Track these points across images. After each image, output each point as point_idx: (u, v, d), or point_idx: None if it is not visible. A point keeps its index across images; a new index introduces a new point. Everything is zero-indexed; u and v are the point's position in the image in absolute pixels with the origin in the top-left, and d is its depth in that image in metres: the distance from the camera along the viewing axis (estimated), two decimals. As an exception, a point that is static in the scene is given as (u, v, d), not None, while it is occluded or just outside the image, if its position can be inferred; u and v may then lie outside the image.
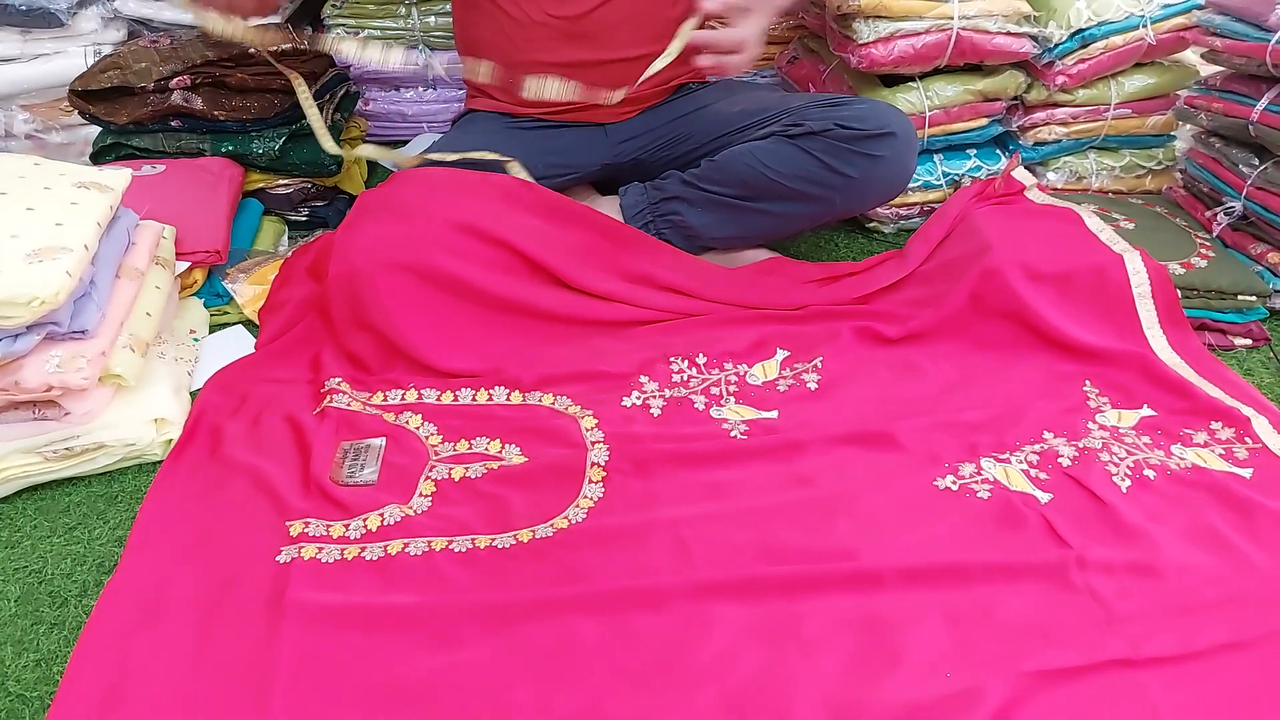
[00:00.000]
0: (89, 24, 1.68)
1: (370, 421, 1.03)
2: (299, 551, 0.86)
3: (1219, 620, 0.79)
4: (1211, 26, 1.33)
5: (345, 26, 1.72)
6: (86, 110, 1.42)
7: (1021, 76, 1.44)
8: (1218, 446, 0.98)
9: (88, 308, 0.99)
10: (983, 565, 0.84)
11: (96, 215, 1.03)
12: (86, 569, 0.89)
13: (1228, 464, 0.96)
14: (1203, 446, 0.98)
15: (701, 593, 0.81)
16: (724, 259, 1.31)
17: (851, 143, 1.21)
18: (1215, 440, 0.99)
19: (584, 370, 1.10)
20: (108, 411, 0.99)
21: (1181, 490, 0.93)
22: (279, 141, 1.41)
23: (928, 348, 1.14)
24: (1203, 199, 1.41)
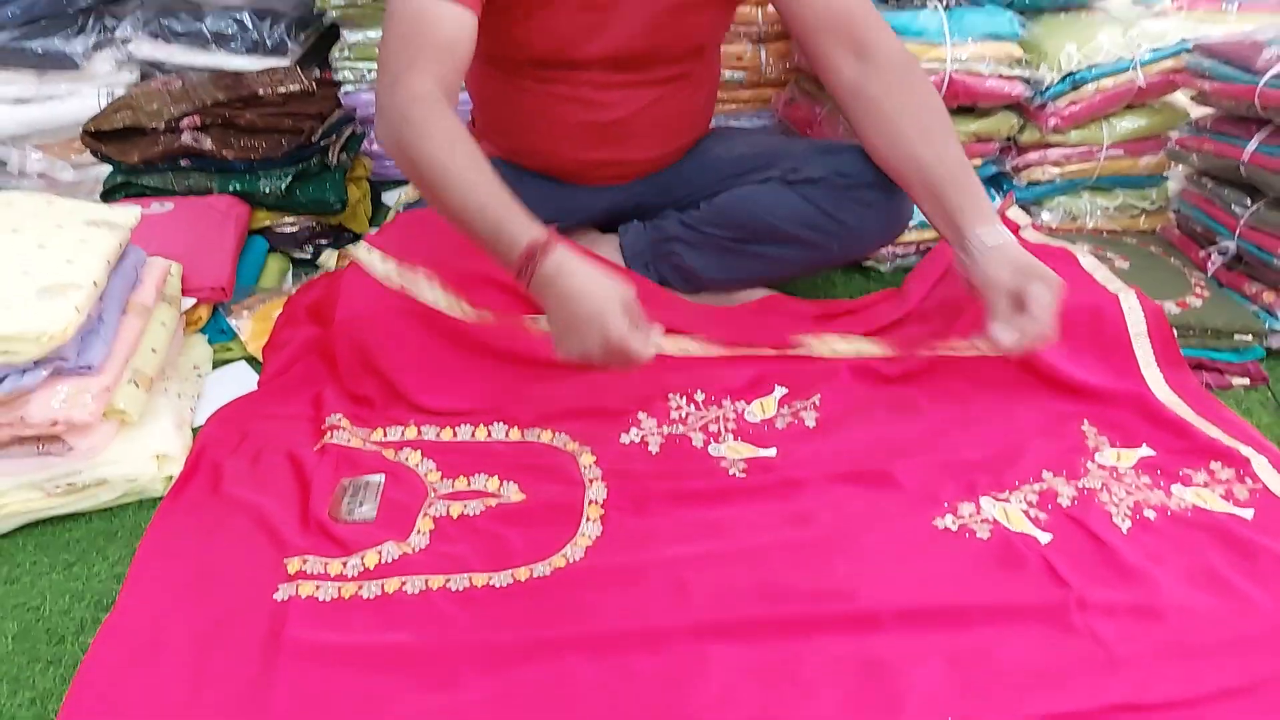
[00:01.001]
0: (103, 66, 1.71)
1: (370, 458, 1.03)
2: (296, 589, 0.86)
3: (1223, 663, 0.79)
4: (1200, 69, 1.35)
5: (352, 69, 1.75)
6: (99, 150, 1.45)
7: (1014, 118, 1.47)
8: (1218, 487, 0.98)
9: (95, 343, 1.00)
10: (983, 606, 0.83)
11: (106, 253, 1.05)
12: (85, 606, 0.89)
13: (1228, 504, 0.95)
14: (1203, 486, 0.98)
15: (699, 633, 0.81)
16: (722, 298, 1.32)
17: (849, 190, 1.22)
18: (1215, 480, 0.99)
19: (582, 406, 1.10)
20: (111, 447, 1.00)
21: (1182, 531, 0.92)
22: (286, 180, 1.43)
23: (926, 386, 1.14)
24: (1196, 239, 1.42)
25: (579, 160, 1.28)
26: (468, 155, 0.94)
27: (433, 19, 0.99)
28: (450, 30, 0.99)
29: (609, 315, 0.86)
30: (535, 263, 0.89)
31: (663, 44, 1.18)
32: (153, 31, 1.70)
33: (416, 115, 0.95)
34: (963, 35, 1.37)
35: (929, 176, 1.08)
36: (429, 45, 0.98)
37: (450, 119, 0.96)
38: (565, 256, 0.89)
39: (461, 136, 0.95)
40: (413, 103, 0.95)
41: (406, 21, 0.99)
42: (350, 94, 1.76)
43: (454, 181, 0.93)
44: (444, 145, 0.94)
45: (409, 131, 0.95)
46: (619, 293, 0.88)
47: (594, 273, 0.89)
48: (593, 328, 0.87)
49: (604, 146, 1.27)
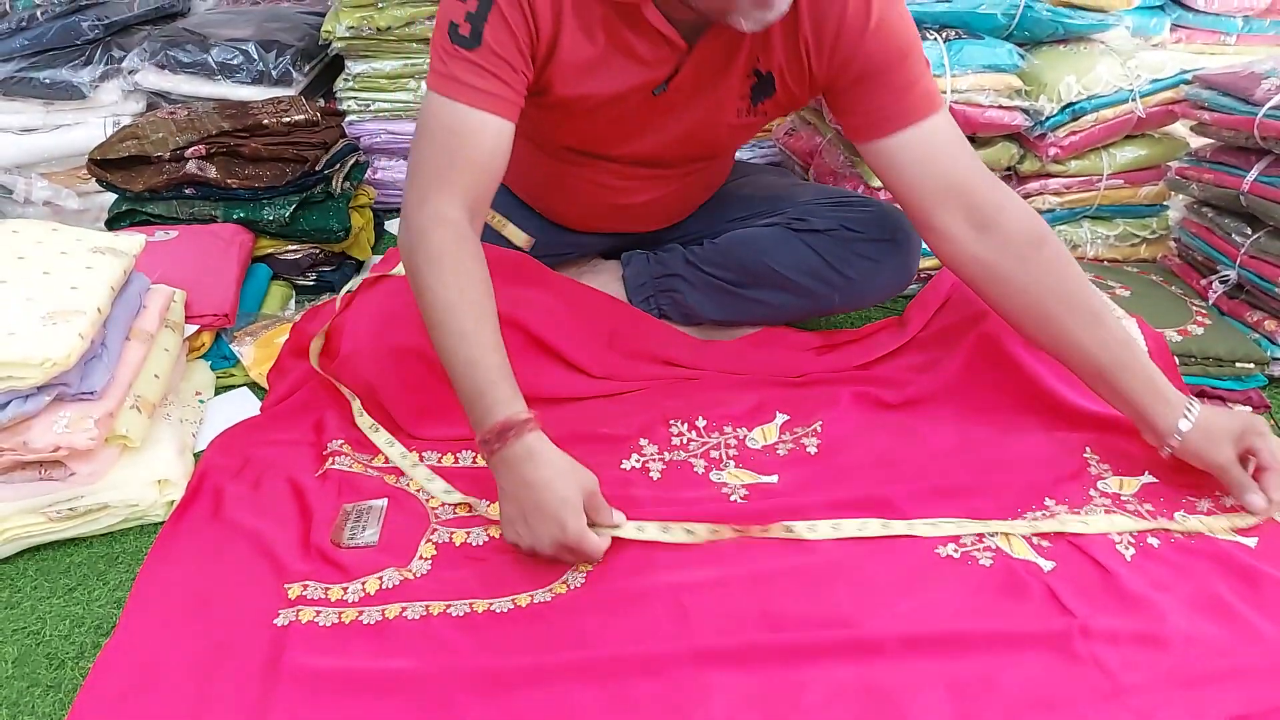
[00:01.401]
0: (110, 96, 1.74)
1: (372, 483, 1.03)
2: (297, 615, 0.86)
3: (1227, 692, 0.78)
4: (1199, 100, 1.37)
5: (357, 99, 1.77)
6: (104, 178, 1.46)
7: (1014, 148, 1.48)
8: (1222, 516, 0.97)
9: (97, 369, 1.00)
10: (985, 634, 0.83)
11: (110, 279, 1.06)
12: (85, 631, 0.89)
13: (1231, 532, 0.95)
14: (1207, 514, 0.97)
15: (700, 660, 0.80)
16: (723, 330, 1.32)
17: (855, 245, 1.22)
18: (1219, 508, 0.98)
19: (583, 432, 1.10)
20: (112, 472, 1.00)
21: (1186, 559, 0.92)
22: (289, 209, 1.44)
23: (927, 413, 1.14)
24: (1197, 267, 1.42)
25: (591, 226, 1.30)
26: (473, 303, 0.90)
27: (471, 131, 0.93)
28: (489, 145, 0.94)
29: (568, 514, 0.85)
30: (505, 441, 0.86)
31: (692, 152, 1.17)
32: (159, 62, 1.73)
33: (435, 242, 0.91)
34: (963, 67, 1.39)
35: (1095, 363, 0.99)
36: (465, 161, 0.94)
37: (467, 256, 0.92)
38: (537, 443, 0.86)
39: (473, 279, 0.91)
40: (436, 226, 0.92)
41: (443, 132, 0.94)
42: (354, 123, 1.78)
43: (451, 326, 0.90)
44: (452, 285, 0.90)
45: (423, 255, 0.92)
46: (582, 487, 0.87)
47: (562, 465, 0.87)
48: (549, 524, 0.85)
49: (619, 221, 1.29)
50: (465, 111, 0.93)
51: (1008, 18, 1.42)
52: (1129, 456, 1.05)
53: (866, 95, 1.02)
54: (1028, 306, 1.02)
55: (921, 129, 1.01)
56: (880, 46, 0.99)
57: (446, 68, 0.93)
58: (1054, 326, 1.01)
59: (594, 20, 0.95)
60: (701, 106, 1.06)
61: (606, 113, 1.04)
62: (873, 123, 1.02)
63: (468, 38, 0.92)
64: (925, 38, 1.41)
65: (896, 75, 1.00)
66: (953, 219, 1.01)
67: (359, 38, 1.70)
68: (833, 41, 0.99)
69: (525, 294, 1.18)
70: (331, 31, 1.71)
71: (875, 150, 1.04)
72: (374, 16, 1.68)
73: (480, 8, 0.91)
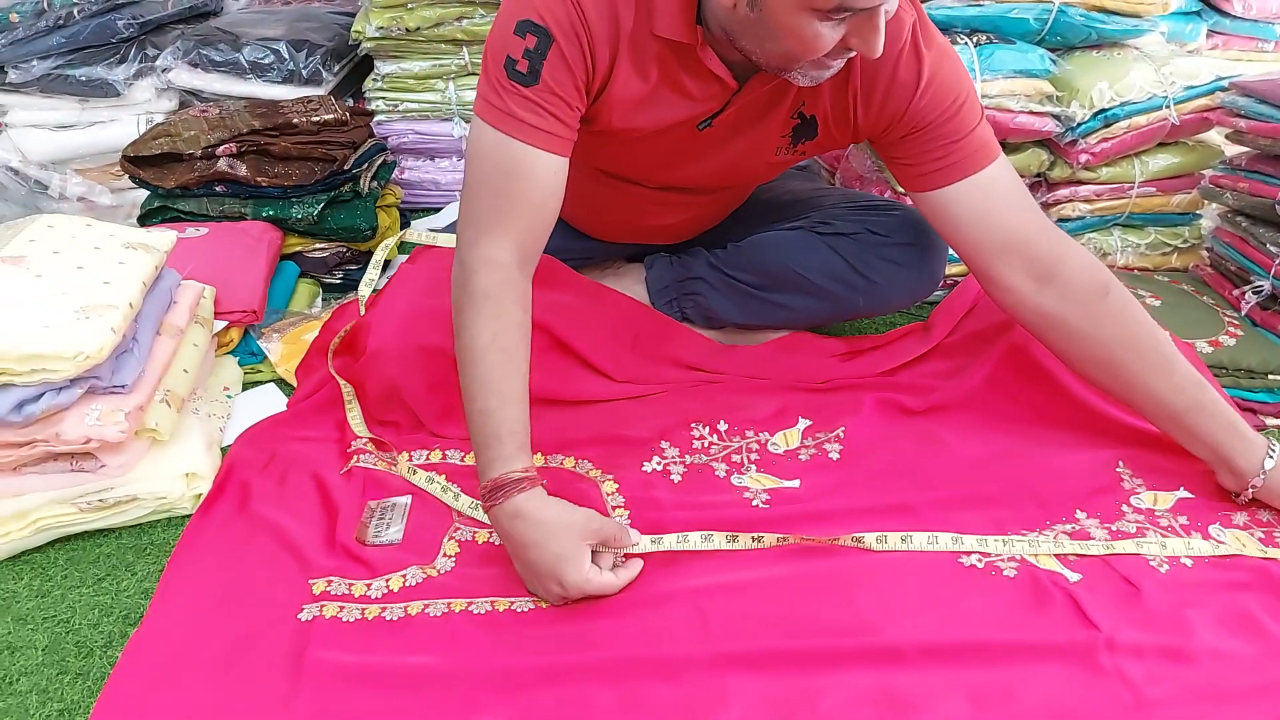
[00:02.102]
0: (143, 94, 1.76)
1: (396, 480, 1.04)
2: (321, 610, 0.86)
3: (1253, 709, 0.77)
4: (1236, 108, 1.35)
5: (385, 99, 1.79)
6: (137, 175, 1.48)
7: (1045, 154, 1.46)
8: (1258, 530, 0.96)
9: (129, 363, 1.02)
10: (1007, 644, 0.82)
11: (142, 275, 1.07)
12: (113, 620, 0.90)
13: (1267, 547, 0.93)
14: (1242, 529, 0.96)
15: (718, 664, 0.80)
16: (747, 335, 1.32)
17: (880, 249, 1.21)
18: (1255, 522, 0.97)
19: (605, 434, 1.10)
20: (141, 465, 1.01)
21: (1218, 574, 0.90)
22: (318, 207, 1.46)
23: (951, 420, 1.13)
24: (1230, 277, 1.40)
25: (616, 239, 1.30)
26: (504, 350, 0.89)
27: (527, 170, 0.91)
28: (545, 183, 0.92)
29: (564, 569, 0.84)
30: (495, 500, 0.86)
31: (726, 182, 1.18)
32: (192, 61, 1.75)
33: (480, 286, 0.90)
34: (993, 71, 1.37)
35: (1169, 409, 0.98)
36: (521, 203, 0.92)
37: (510, 302, 0.91)
38: (526, 504, 0.85)
39: (510, 326, 0.91)
40: (485, 268, 0.91)
41: (499, 172, 0.91)
42: (383, 123, 1.80)
43: (476, 371, 0.89)
44: (487, 330, 0.89)
45: (466, 296, 0.91)
46: (581, 533, 0.85)
47: (551, 522, 0.85)
48: (547, 581, 0.85)
49: (645, 235, 1.29)
50: (521, 149, 0.91)
51: (1040, 22, 1.40)
52: (1163, 471, 1.03)
53: (917, 149, 1.00)
54: (1095, 355, 1.00)
55: (976, 182, 0.99)
56: (931, 104, 0.97)
57: (503, 102, 0.90)
58: (1125, 374, 1.00)
59: (649, 57, 0.94)
60: (743, 143, 1.05)
61: (649, 143, 1.04)
62: (925, 175, 1.01)
63: (526, 75, 0.89)
64: (956, 42, 1.40)
65: (949, 129, 0.98)
66: (1012, 272, 1.00)
67: (388, 38, 1.72)
68: (882, 99, 0.98)
69: (550, 296, 1.18)
70: (361, 32, 1.72)
71: (928, 201, 1.02)
72: (403, 17, 1.69)
73: (539, 45, 0.89)
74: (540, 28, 0.89)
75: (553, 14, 0.89)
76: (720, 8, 0.87)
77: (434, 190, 1.85)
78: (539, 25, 0.89)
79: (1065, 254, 0.99)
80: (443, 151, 1.83)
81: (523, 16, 0.89)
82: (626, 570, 0.88)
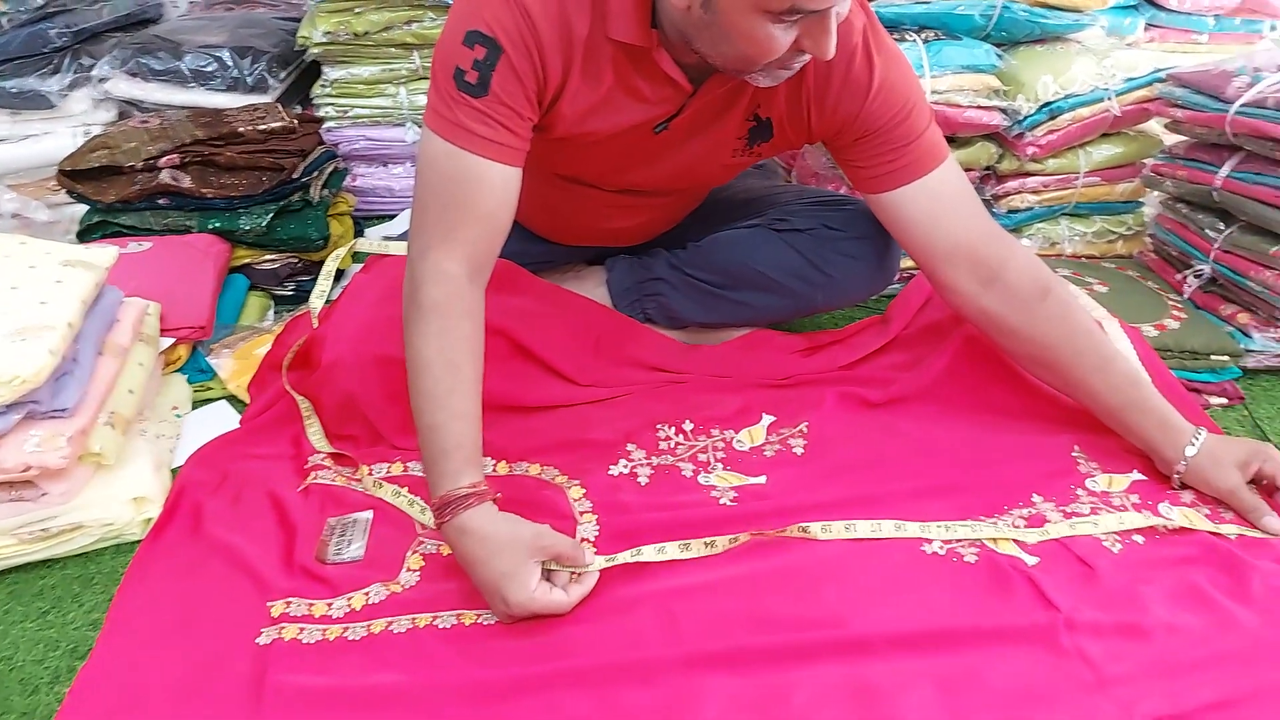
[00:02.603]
0: (79, 105, 1.71)
1: (356, 495, 1.02)
2: (280, 632, 0.84)
3: (1207, 680, 0.79)
4: (1173, 98, 1.38)
5: (334, 106, 1.76)
6: (74, 189, 1.43)
7: (993, 147, 1.49)
8: (1204, 506, 0.99)
9: (69, 386, 0.99)
10: (972, 630, 0.83)
11: (81, 293, 1.04)
12: (60, 655, 0.87)
13: (1213, 523, 0.96)
14: (1189, 506, 0.99)
15: (690, 665, 0.80)
16: (709, 334, 1.32)
17: (836, 243, 1.22)
18: (1201, 499, 1.00)
19: (570, 439, 1.10)
20: (86, 491, 0.98)
21: (1168, 550, 0.93)
22: (267, 218, 1.42)
23: (912, 412, 1.14)
24: (1173, 262, 1.44)
25: (574, 242, 1.30)
26: (450, 365, 0.88)
27: (477, 180, 0.90)
28: (497, 195, 0.91)
29: (509, 588, 0.83)
30: (444, 517, 0.85)
31: (683, 185, 1.18)
32: (130, 70, 1.70)
33: (428, 298, 0.89)
34: (941, 67, 1.39)
35: (1105, 405, 1.03)
36: (471, 214, 0.91)
37: (458, 315, 0.90)
38: (471, 520, 0.84)
39: (457, 339, 0.90)
40: (434, 281, 0.90)
41: (450, 182, 0.90)
42: (333, 130, 1.76)
43: (423, 385, 0.88)
44: (433, 345, 0.89)
45: (415, 308, 0.90)
46: (528, 550, 0.84)
47: (498, 539, 0.84)
48: (494, 599, 0.84)
49: (603, 239, 1.29)
50: (471, 160, 0.90)
51: (985, 18, 1.42)
52: (1117, 454, 1.06)
53: (869, 152, 1.02)
54: (1035, 354, 1.05)
55: (925, 184, 1.01)
56: (883, 108, 0.99)
57: (452, 113, 0.89)
58: (1063, 371, 1.05)
59: (603, 61, 0.94)
60: (699, 145, 1.05)
61: (606, 147, 1.03)
62: (876, 177, 1.03)
63: (475, 86, 0.88)
64: (904, 39, 1.42)
65: (899, 132, 1.00)
66: (958, 274, 1.03)
67: (336, 43, 1.69)
68: (835, 102, 0.99)
69: (509, 301, 1.17)
70: (308, 37, 1.69)
71: (879, 203, 1.05)
72: (351, 21, 1.66)
73: (488, 56, 0.88)
74: (489, 38, 0.88)
75: (501, 25, 0.88)
76: (674, 10, 0.87)
77: (388, 197, 1.82)
78: (488, 36, 0.88)
79: (1009, 257, 1.03)
80: (396, 157, 1.80)
81: (471, 27, 0.88)
82: (578, 587, 0.87)
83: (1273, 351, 1.28)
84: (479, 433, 0.90)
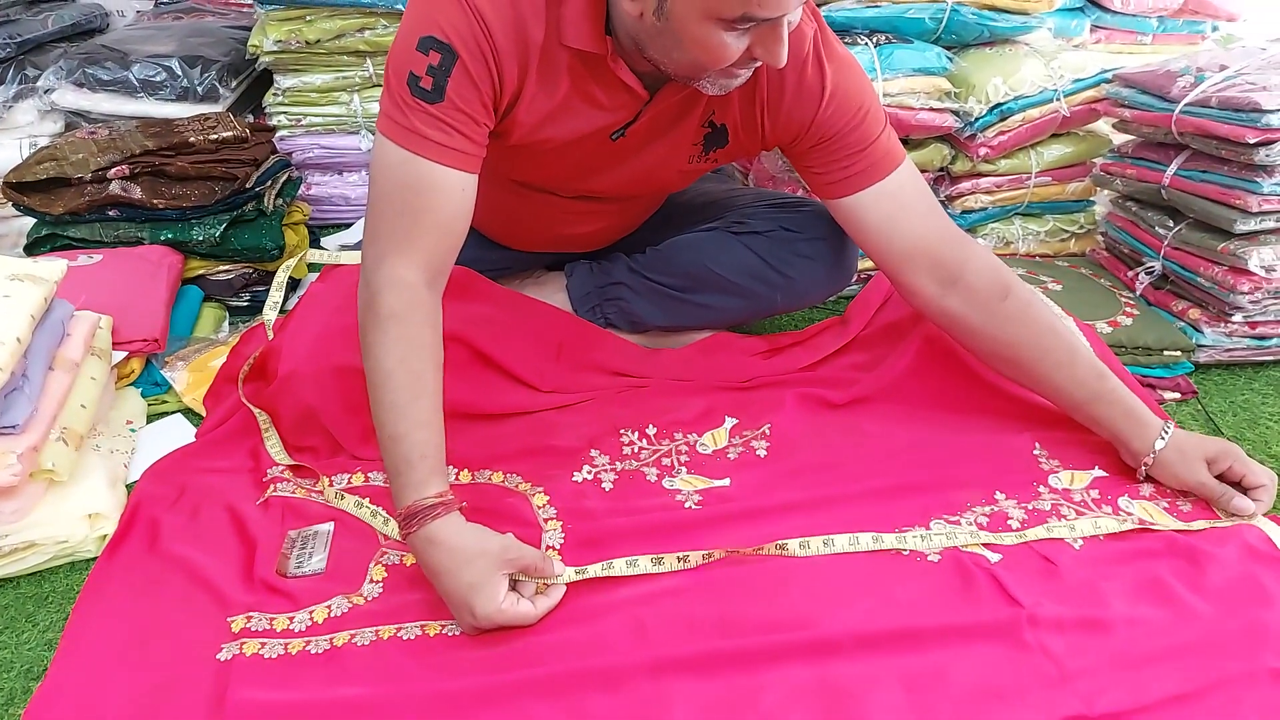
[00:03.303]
0: (25, 116, 1.67)
1: (316, 507, 1.01)
2: (240, 648, 0.83)
3: (1168, 672, 0.80)
4: (1120, 98, 1.41)
5: (287, 114, 1.74)
6: (21, 202, 1.40)
7: (946, 149, 1.51)
8: (1162, 500, 1.00)
9: (19, 402, 0.96)
10: (937, 628, 0.84)
11: (30, 308, 1.02)
12: (14, 676, 0.85)
13: (1171, 517, 0.98)
14: (1149, 499, 1.00)
15: (659, 670, 0.80)
16: (670, 337, 1.32)
17: (794, 245, 1.23)
18: (1160, 493, 1.02)
19: (533, 445, 1.09)
20: (39, 508, 0.96)
21: (1128, 544, 0.94)
22: (220, 228, 1.40)
23: (873, 412, 1.16)
24: (1124, 260, 1.47)
25: (533, 248, 1.30)
26: (411, 374, 0.87)
27: (433, 188, 0.89)
28: (453, 202, 0.90)
29: (476, 600, 0.81)
30: (410, 527, 0.84)
31: (640, 191, 1.18)
32: (77, 80, 1.67)
33: (386, 307, 0.88)
34: (893, 70, 1.41)
35: (1070, 400, 1.05)
36: (427, 221, 0.89)
37: (417, 323, 0.89)
38: (439, 530, 0.83)
39: (417, 347, 0.89)
40: (390, 289, 0.88)
41: (405, 189, 0.89)
42: (286, 139, 1.74)
43: (384, 396, 0.87)
44: (394, 352, 0.87)
45: (371, 317, 0.89)
46: (496, 562, 0.83)
47: (465, 550, 0.83)
48: (460, 611, 0.83)
49: (561, 244, 1.29)
50: (427, 166, 0.89)
51: (935, 22, 1.45)
52: (1078, 452, 1.07)
53: (825, 158, 1.03)
54: (999, 353, 1.06)
55: (882, 189, 1.02)
56: (836, 115, 0.99)
57: (407, 119, 0.88)
58: (1027, 369, 1.06)
59: (559, 68, 0.93)
60: (656, 151, 1.06)
61: (562, 154, 1.03)
62: (833, 183, 1.04)
63: (430, 91, 0.87)
64: (855, 43, 1.44)
65: (853, 138, 1.01)
66: (918, 276, 1.04)
67: (287, 51, 1.67)
68: (789, 109, 1.00)
69: (470, 309, 1.17)
70: (259, 45, 1.67)
71: (837, 208, 1.06)
72: (302, 29, 1.65)
73: (444, 61, 0.87)
74: (444, 44, 0.87)
75: (456, 30, 0.87)
76: (628, 17, 0.87)
77: (344, 205, 1.80)
78: (443, 42, 0.87)
79: (968, 259, 1.04)
80: (350, 165, 1.79)
81: (425, 32, 0.87)
82: (545, 599, 0.86)
83: (1224, 346, 1.31)
84: (443, 441, 0.89)
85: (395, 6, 1.64)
